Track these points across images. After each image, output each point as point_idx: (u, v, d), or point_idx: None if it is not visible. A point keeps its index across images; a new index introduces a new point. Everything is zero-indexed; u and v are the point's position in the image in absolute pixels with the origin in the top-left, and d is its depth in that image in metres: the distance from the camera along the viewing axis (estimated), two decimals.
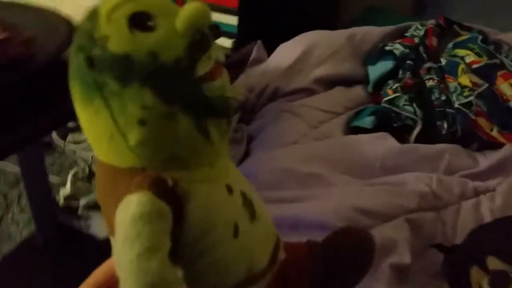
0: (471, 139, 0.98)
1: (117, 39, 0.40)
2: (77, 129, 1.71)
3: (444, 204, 0.79)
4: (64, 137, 1.66)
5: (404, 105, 0.98)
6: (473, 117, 0.98)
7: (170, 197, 0.40)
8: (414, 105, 0.98)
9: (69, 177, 1.46)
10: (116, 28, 0.40)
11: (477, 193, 0.83)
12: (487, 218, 0.77)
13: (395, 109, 0.98)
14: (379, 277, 0.65)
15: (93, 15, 0.42)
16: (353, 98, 1.08)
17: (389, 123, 0.97)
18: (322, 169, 0.85)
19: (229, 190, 0.46)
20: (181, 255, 0.41)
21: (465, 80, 1.02)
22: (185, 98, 0.41)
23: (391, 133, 0.96)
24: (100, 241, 1.15)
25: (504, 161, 0.91)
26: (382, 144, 0.89)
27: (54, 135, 1.63)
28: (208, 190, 0.44)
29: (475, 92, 1.01)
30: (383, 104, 1.00)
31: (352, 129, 0.98)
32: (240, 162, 0.95)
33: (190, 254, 0.43)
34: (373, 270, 0.58)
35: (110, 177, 0.44)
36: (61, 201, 1.41)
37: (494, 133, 1.01)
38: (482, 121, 1.00)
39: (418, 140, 0.96)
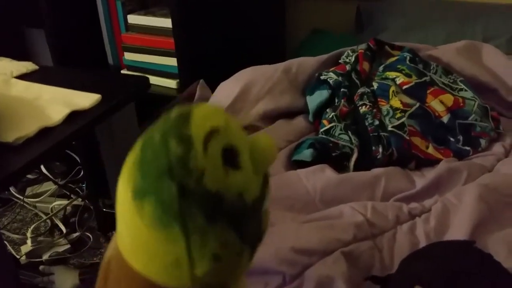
0: (408, 159, 1.01)
1: (213, 174, 0.37)
2: (36, 181, 1.70)
3: (380, 231, 0.81)
4: (23, 191, 1.65)
5: (340, 134, 1.01)
6: (407, 137, 1.02)
7: None
8: (349, 133, 1.01)
9: (29, 232, 1.45)
10: (212, 163, 0.37)
11: (412, 216, 0.85)
12: (422, 241, 0.79)
13: (331, 139, 1.00)
14: None
15: (186, 140, 0.38)
16: (294, 130, 1.10)
17: (328, 153, 0.99)
18: None
19: None
20: None
21: (395, 102, 1.06)
22: (255, 235, 0.40)
23: (331, 162, 0.99)
24: None
25: (439, 179, 0.93)
26: (321, 177, 0.92)
27: (12, 190, 1.62)
28: None
29: (406, 113, 1.04)
30: (320, 135, 1.03)
31: (294, 163, 1.00)
32: None
33: None
34: None
35: None
36: (23, 258, 1.40)
37: (430, 150, 1.04)
38: (417, 140, 1.03)
39: (357, 166, 0.99)
